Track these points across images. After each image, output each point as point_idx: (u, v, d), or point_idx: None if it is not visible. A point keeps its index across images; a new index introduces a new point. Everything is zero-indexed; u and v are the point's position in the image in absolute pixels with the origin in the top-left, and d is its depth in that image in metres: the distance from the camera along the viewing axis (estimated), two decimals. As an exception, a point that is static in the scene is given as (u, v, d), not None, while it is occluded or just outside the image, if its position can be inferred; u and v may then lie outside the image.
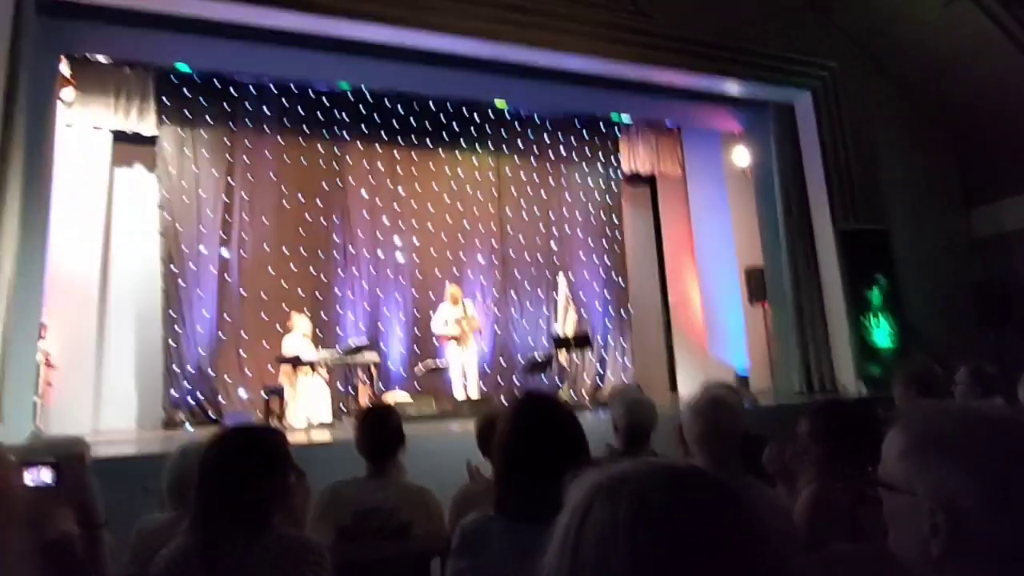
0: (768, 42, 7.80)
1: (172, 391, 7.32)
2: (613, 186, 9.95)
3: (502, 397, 8.25)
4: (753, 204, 8.77)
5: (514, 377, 8.63)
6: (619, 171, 9.98)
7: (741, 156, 9.35)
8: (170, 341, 7.41)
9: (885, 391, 4.84)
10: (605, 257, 9.71)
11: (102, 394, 7.28)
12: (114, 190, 7.73)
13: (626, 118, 9.66)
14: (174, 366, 7.37)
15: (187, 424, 7.13)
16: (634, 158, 10.02)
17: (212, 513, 1.44)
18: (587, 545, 0.57)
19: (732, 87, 7.97)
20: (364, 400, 6.89)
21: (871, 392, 6.91)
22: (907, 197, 8.39)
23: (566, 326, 8.68)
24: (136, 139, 7.68)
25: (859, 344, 7.58)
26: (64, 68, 6.44)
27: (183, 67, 7.57)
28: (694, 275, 9.97)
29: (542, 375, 8.35)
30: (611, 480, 0.60)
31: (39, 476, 1.35)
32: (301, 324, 7.15)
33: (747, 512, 0.59)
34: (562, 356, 8.29)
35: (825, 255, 7.95)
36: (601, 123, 9.82)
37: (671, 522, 0.56)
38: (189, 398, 7.37)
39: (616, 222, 9.90)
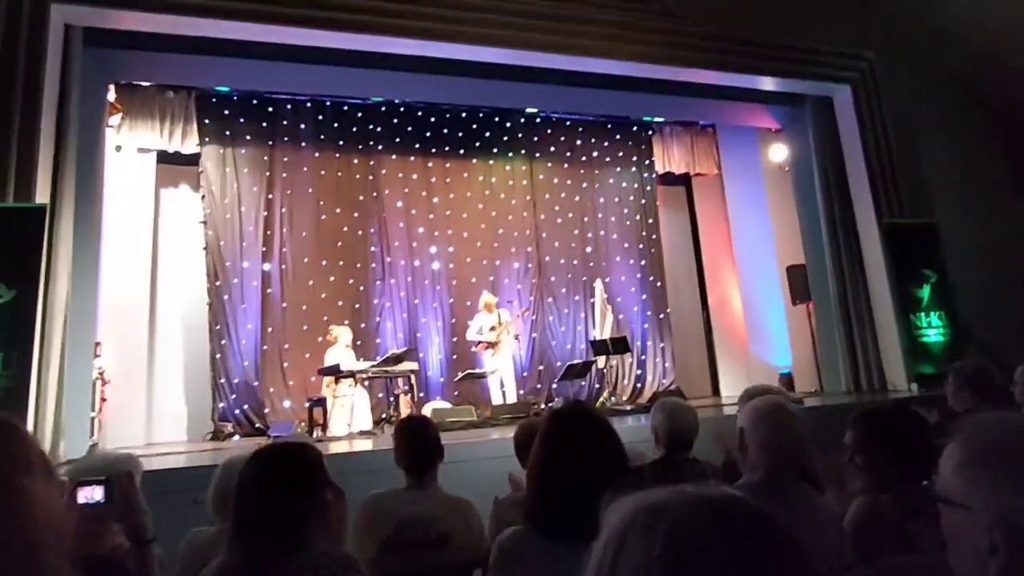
0: (802, 36, 7.63)
1: (220, 403, 7.52)
2: (647, 187, 9.86)
3: (541, 402, 8.25)
4: (792, 201, 8.58)
5: (552, 383, 8.60)
6: (653, 172, 9.90)
7: (779, 152, 9.17)
8: (216, 355, 7.62)
9: (938, 390, 4.67)
10: (641, 259, 9.62)
11: (154, 407, 7.53)
12: (160, 209, 8.01)
13: (659, 118, 9.59)
14: (221, 379, 7.57)
15: (236, 435, 7.31)
16: (668, 158, 9.93)
17: (248, 531, 1.45)
18: None
19: (767, 83, 7.82)
20: (404, 409, 6.96)
21: (923, 391, 6.67)
22: (955, 188, 8.09)
23: (603, 330, 8.62)
24: (179, 159, 7.96)
25: (909, 342, 7.32)
26: (110, 94, 6.69)
27: (222, 88, 7.84)
28: (733, 275, 9.80)
29: (581, 380, 8.31)
30: (647, 512, 0.57)
31: (91, 495, 1.40)
32: (343, 336, 7.27)
33: (793, 548, 0.56)
34: (600, 360, 8.23)
35: (870, 251, 7.71)
36: (634, 124, 9.76)
37: (708, 563, 0.53)
38: (236, 410, 7.56)
39: (652, 223, 9.81)
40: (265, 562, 1.41)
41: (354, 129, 8.59)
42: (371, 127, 8.67)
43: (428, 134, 8.88)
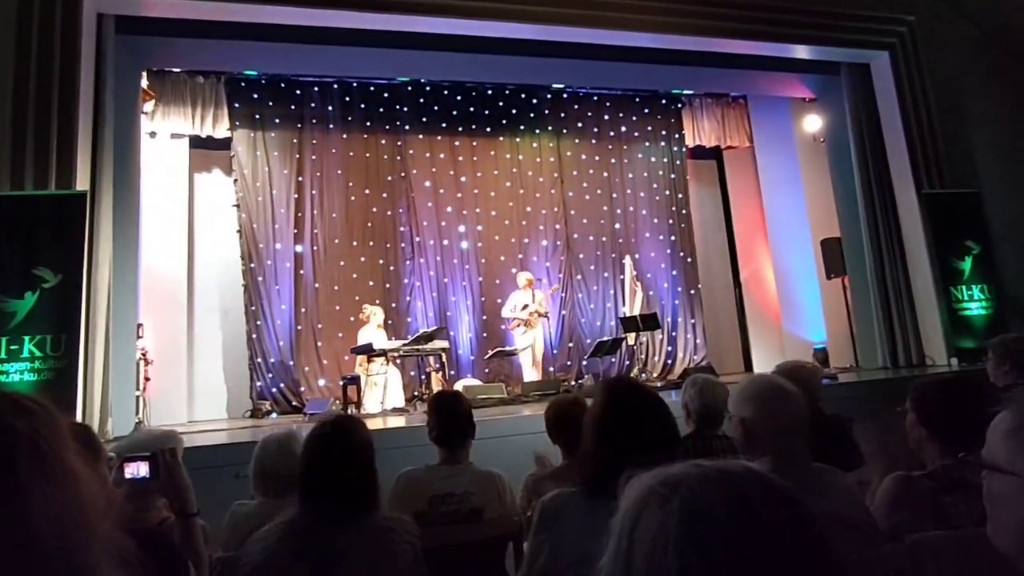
0: (838, 1, 7.36)
1: (257, 382, 7.72)
2: (677, 161, 9.71)
3: (571, 379, 8.28)
4: (827, 173, 8.36)
5: (582, 360, 8.61)
6: (683, 145, 9.73)
7: (813, 123, 8.92)
8: (253, 335, 7.80)
9: (979, 365, 4.56)
10: (672, 234, 9.51)
11: (195, 386, 7.77)
12: (194, 193, 8.18)
13: (688, 91, 9.40)
14: (258, 358, 7.77)
15: (273, 413, 7.50)
16: (699, 131, 9.74)
17: (319, 496, 1.57)
18: (637, 554, 0.55)
19: (801, 52, 7.58)
20: (436, 386, 7.06)
21: (963, 366, 6.51)
22: (1001, 155, 7.77)
23: (633, 306, 8.58)
24: (211, 144, 8.09)
25: (949, 316, 7.13)
26: (143, 81, 6.81)
27: (251, 72, 7.92)
28: (766, 249, 9.63)
29: (611, 357, 8.30)
30: (663, 486, 0.57)
31: (137, 471, 1.47)
32: (376, 315, 7.37)
33: (810, 524, 0.55)
34: (630, 337, 8.21)
35: (909, 223, 7.49)
36: (662, 97, 9.59)
37: (723, 537, 0.52)
38: (273, 388, 7.75)
39: (682, 198, 9.67)
40: (333, 524, 1.51)
41: (381, 110, 8.62)
42: (398, 107, 8.68)
43: (455, 113, 8.86)
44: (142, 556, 0.76)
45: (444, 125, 8.82)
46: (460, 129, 8.89)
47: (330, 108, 8.44)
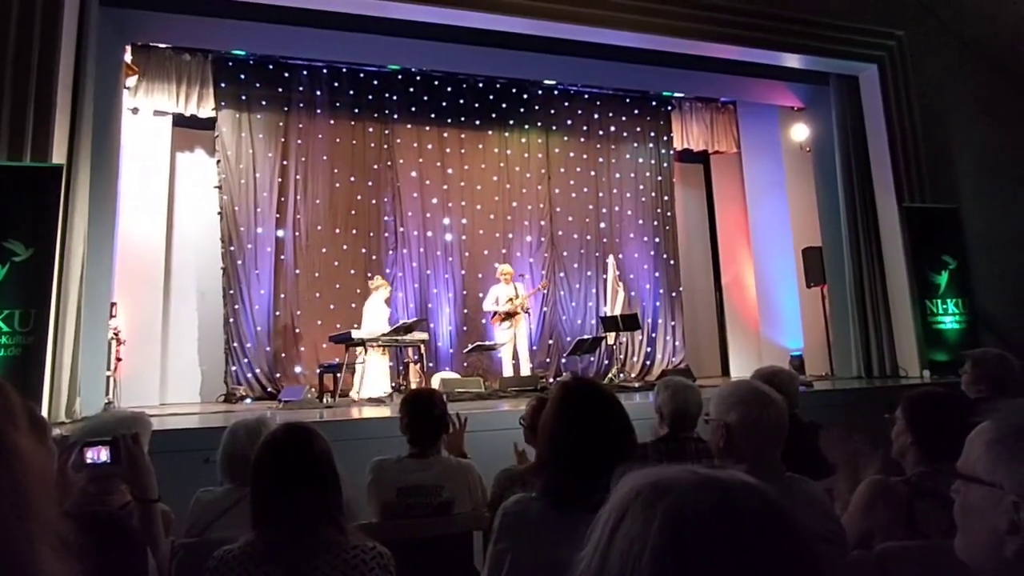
0: (830, 12, 7.41)
1: (232, 366, 7.62)
2: (664, 163, 9.74)
3: (550, 376, 8.27)
4: (812, 182, 8.44)
5: (562, 357, 8.61)
6: (671, 148, 9.76)
7: (800, 132, 8.99)
8: (230, 319, 7.70)
9: (950, 378, 4.63)
10: (656, 236, 9.55)
11: (168, 368, 7.65)
12: (175, 173, 8.03)
13: (679, 93, 9.43)
14: (234, 342, 7.66)
15: (248, 399, 7.41)
16: (687, 135, 9.78)
17: (275, 518, 1.40)
18: (615, 553, 0.53)
19: (791, 60, 7.63)
20: (414, 378, 7.01)
21: (935, 379, 6.61)
22: (981, 172, 7.89)
23: (614, 306, 8.60)
24: (195, 123, 7.96)
25: (924, 329, 7.24)
26: (127, 55, 6.66)
27: (239, 52, 7.79)
28: (748, 255, 9.71)
29: (590, 356, 8.31)
30: (652, 487, 0.55)
31: (98, 456, 1.42)
32: (384, 289, 7.26)
33: (799, 541, 0.53)
34: (610, 337, 8.22)
35: (889, 235, 7.58)
36: (653, 99, 9.61)
37: (705, 545, 0.50)
38: (248, 374, 7.66)
39: (667, 200, 9.71)
40: (294, 550, 1.37)
41: (370, 97, 8.53)
42: (387, 95, 8.60)
43: (444, 104, 8.80)
44: (97, 540, 0.72)
45: (433, 115, 8.76)
46: (449, 120, 8.83)
47: (318, 93, 8.34)
